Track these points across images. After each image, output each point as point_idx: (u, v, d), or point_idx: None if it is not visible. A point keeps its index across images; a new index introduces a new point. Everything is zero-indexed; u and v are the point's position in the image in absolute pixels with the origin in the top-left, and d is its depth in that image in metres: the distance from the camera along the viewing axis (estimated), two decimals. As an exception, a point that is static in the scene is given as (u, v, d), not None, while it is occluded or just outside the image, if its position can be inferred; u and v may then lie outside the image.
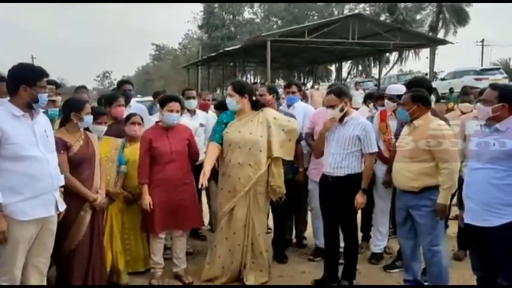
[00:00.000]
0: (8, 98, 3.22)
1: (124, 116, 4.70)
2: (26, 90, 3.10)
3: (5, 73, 3.27)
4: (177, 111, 4.31)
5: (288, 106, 5.30)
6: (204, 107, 5.82)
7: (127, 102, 5.66)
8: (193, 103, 5.44)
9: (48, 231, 3.26)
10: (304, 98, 7.26)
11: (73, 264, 3.70)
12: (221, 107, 5.05)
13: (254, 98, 4.51)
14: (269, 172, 4.30)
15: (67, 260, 3.69)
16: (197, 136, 4.98)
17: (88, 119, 3.79)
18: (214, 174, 4.49)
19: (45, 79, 3.27)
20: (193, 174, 4.40)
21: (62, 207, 3.33)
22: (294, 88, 5.36)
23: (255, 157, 4.26)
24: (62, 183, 3.38)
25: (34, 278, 3.27)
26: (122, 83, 6.14)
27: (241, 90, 4.37)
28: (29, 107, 3.14)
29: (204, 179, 4.04)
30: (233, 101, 4.34)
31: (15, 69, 3.17)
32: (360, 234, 5.22)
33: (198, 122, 5.39)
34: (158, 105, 4.61)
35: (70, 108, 3.75)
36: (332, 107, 4.12)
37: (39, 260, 3.27)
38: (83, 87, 6.24)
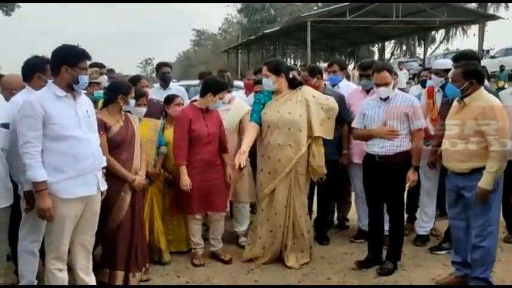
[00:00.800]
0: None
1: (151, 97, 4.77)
2: (67, 71, 3.13)
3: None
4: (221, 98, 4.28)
5: (333, 86, 5.15)
6: (250, 88, 5.67)
7: (167, 84, 5.69)
8: None
9: (92, 211, 3.32)
10: (348, 77, 7.06)
11: (117, 243, 3.78)
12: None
13: (291, 76, 4.41)
14: (309, 152, 4.22)
15: (110, 239, 3.77)
16: None
17: (132, 102, 3.84)
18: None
19: (88, 61, 3.31)
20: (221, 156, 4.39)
21: (104, 187, 3.38)
22: (335, 67, 5.21)
23: (295, 137, 4.18)
24: (105, 164, 3.44)
25: (81, 256, 3.37)
26: (160, 65, 6.16)
27: (277, 69, 4.26)
28: (70, 88, 3.18)
29: (241, 159, 4.00)
30: (269, 81, 4.25)
31: (58, 50, 3.21)
32: (405, 216, 5.11)
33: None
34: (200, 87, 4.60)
35: (118, 91, 3.80)
36: (386, 84, 3.96)
37: (85, 238, 3.36)
38: (110, 71, 6.30)
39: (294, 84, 4.33)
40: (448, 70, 4.47)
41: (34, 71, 3.53)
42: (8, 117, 3.24)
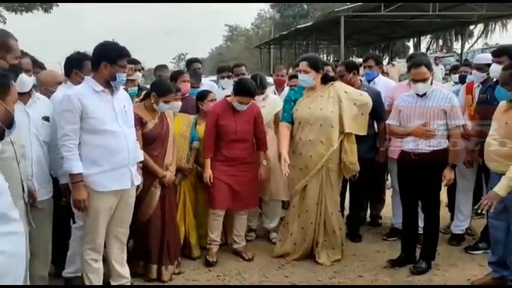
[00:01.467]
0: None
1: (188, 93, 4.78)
2: (106, 68, 3.22)
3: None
4: (246, 103, 4.21)
5: (368, 82, 5.08)
6: (280, 83, 5.63)
7: (198, 80, 5.72)
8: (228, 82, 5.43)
9: (126, 204, 3.40)
10: (383, 73, 6.95)
11: (149, 237, 3.85)
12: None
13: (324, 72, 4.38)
14: (341, 148, 4.17)
15: (142, 232, 3.85)
16: None
17: (163, 106, 3.85)
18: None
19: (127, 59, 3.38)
20: (257, 154, 4.39)
21: (138, 181, 3.44)
22: (370, 62, 5.11)
23: (327, 133, 4.15)
24: (141, 158, 3.51)
25: (115, 247, 3.47)
26: (191, 61, 6.22)
27: (317, 65, 4.22)
28: (108, 84, 3.26)
29: (286, 169, 4.01)
30: (309, 78, 4.19)
31: (99, 46, 3.31)
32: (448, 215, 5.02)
33: None
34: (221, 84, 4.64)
35: (153, 90, 3.87)
36: (423, 80, 3.88)
37: (119, 230, 3.44)
38: (162, 66, 6.37)
39: (326, 80, 4.28)
40: (489, 64, 4.35)
41: (72, 67, 3.63)
42: (49, 111, 3.35)
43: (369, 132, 4.41)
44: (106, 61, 3.21)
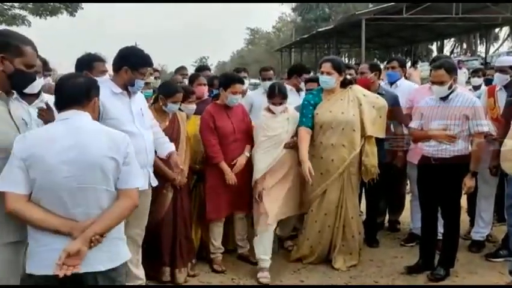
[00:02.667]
0: (104, 77, 3.42)
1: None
2: (126, 72, 3.25)
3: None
4: (240, 93, 4.19)
5: (391, 84, 5.02)
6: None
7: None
8: (268, 84, 5.33)
9: (142, 205, 3.38)
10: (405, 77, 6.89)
11: (161, 240, 3.84)
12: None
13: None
14: (362, 151, 4.13)
15: (154, 235, 3.80)
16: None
17: (172, 107, 3.85)
18: None
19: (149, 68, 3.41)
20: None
21: (154, 182, 3.46)
22: (394, 63, 5.06)
23: (349, 137, 4.11)
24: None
25: (130, 248, 3.44)
26: (200, 69, 6.24)
27: (340, 67, 4.19)
28: (125, 87, 3.30)
29: (308, 175, 3.91)
30: (332, 79, 4.14)
31: (124, 50, 3.34)
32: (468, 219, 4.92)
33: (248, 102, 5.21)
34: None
35: (160, 92, 3.89)
36: (441, 83, 3.81)
37: (135, 231, 3.45)
38: (182, 68, 6.40)
39: (344, 83, 4.25)
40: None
41: (82, 68, 3.64)
42: None
43: (387, 136, 4.37)
44: (127, 66, 3.25)
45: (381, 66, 5.48)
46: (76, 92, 2.30)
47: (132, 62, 3.25)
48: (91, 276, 2.20)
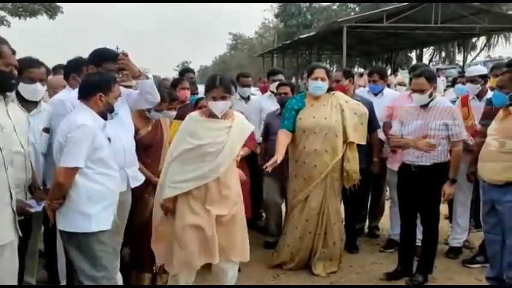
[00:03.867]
0: None
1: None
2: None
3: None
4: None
5: (375, 95, 5.08)
6: (264, 90, 5.72)
7: (196, 87, 5.70)
8: (247, 91, 5.34)
9: (121, 205, 3.31)
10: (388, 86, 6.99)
11: (142, 246, 3.75)
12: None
13: None
14: (344, 157, 4.17)
15: (134, 240, 3.76)
16: (251, 121, 4.86)
17: (155, 114, 3.82)
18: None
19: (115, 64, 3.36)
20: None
21: (134, 183, 3.41)
22: (375, 76, 5.11)
23: (332, 143, 4.14)
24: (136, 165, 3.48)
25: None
26: (184, 71, 6.26)
27: (329, 74, 4.28)
28: None
29: (272, 165, 3.85)
30: (325, 85, 4.21)
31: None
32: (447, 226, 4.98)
33: (255, 108, 5.26)
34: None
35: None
36: (421, 91, 3.86)
37: (116, 239, 3.37)
38: (164, 79, 6.42)
39: (327, 89, 4.29)
40: (482, 76, 4.37)
41: (69, 72, 3.63)
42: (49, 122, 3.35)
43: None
44: (91, 64, 3.24)
45: (364, 72, 5.54)
46: (81, 87, 2.92)
47: (92, 59, 3.25)
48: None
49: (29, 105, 3.03)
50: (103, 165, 2.88)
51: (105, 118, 2.96)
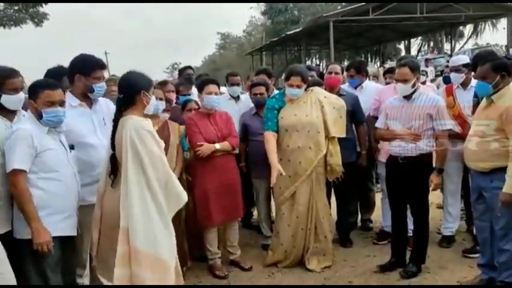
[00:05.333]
0: None
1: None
2: (80, 80, 3.22)
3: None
4: (216, 94, 4.19)
5: (355, 88, 5.10)
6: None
7: (188, 87, 5.67)
8: (237, 90, 5.30)
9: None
10: (376, 77, 6.99)
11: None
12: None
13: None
14: (327, 152, 4.19)
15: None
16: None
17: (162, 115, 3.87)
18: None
19: (102, 71, 3.35)
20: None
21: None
22: (351, 71, 5.13)
23: (314, 139, 4.16)
24: None
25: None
26: (184, 69, 6.25)
27: (307, 77, 4.29)
28: (86, 97, 3.25)
29: (275, 178, 3.95)
30: (301, 91, 4.23)
31: (73, 60, 3.31)
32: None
33: (244, 106, 5.17)
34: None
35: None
36: (405, 81, 3.88)
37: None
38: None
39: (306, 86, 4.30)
40: (466, 65, 4.39)
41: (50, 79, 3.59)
42: None
43: (349, 136, 4.45)
44: (79, 74, 3.21)
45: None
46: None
47: (83, 68, 3.23)
48: None
49: (9, 115, 3.00)
50: (48, 170, 2.83)
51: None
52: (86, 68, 3.22)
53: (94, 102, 3.31)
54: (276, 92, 5.04)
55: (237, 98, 5.29)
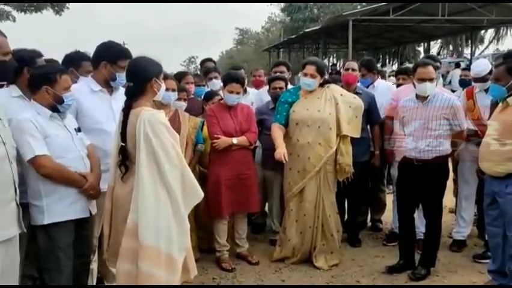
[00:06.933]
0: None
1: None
2: (105, 67, 3.24)
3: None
4: (237, 93, 4.19)
5: (367, 87, 5.05)
6: (257, 84, 5.62)
7: (202, 78, 5.66)
8: (216, 83, 5.18)
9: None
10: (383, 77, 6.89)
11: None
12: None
13: None
14: (337, 150, 4.16)
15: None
16: None
17: (176, 103, 3.90)
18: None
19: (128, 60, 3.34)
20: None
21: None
22: (363, 70, 5.05)
23: (325, 135, 4.13)
24: None
25: None
26: (204, 61, 6.26)
27: (323, 70, 4.27)
28: (107, 83, 3.27)
29: (282, 156, 3.96)
30: (314, 82, 4.19)
31: (101, 46, 3.33)
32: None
33: (249, 101, 5.17)
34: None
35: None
36: (431, 80, 3.83)
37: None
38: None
39: (322, 83, 4.27)
40: (491, 72, 4.30)
41: (68, 65, 3.62)
42: None
43: (363, 136, 4.40)
44: (106, 60, 3.22)
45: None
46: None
47: (110, 55, 3.23)
48: None
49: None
50: (54, 156, 2.79)
51: (56, 110, 2.88)
52: (113, 55, 3.23)
53: (115, 90, 3.33)
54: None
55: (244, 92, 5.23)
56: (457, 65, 19.29)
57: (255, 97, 5.25)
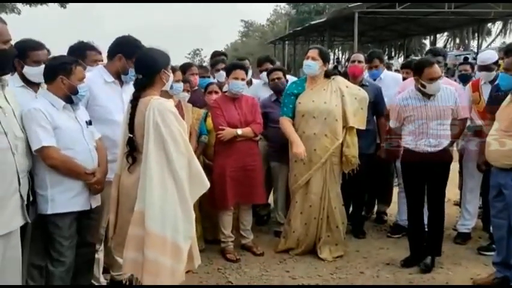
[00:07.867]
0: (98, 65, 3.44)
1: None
2: (120, 60, 3.26)
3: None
4: (242, 79, 4.22)
5: (374, 79, 5.01)
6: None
7: (206, 70, 5.65)
8: (223, 75, 4.94)
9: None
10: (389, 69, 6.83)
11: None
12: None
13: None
14: (343, 142, 4.16)
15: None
16: None
17: (180, 94, 3.88)
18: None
19: None
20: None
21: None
22: (376, 62, 5.01)
23: (331, 127, 4.13)
24: None
25: None
26: (216, 54, 6.22)
27: (326, 57, 4.28)
28: (118, 76, 3.29)
29: (302, 153, 4.01)
30: (316, 65, 4.18)
31: (120, 38, 3.35)
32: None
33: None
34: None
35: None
36: (439, 77, 3.82)
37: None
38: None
39: (327, 74, 4.27)
40: (496, 62, 4.29)
41: (73, 55, 3.61)
42: None
43: (369, 128, 4.40)
44: (122, 54, 3.25)
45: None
46: (44, 72, 2.89)
47: (127, 50, 3.25)
48: None
49: (34, 87, 3.04)
50: (62, 147, 2.81)
51: (70, 101, 2.91)
52: (129, 51, 3.23)
53: (125, 83, 3.35)
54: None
55: (249, 83, 5.21)
56: (465, 59, 19.13)
57: (251, 92, 5.07)
